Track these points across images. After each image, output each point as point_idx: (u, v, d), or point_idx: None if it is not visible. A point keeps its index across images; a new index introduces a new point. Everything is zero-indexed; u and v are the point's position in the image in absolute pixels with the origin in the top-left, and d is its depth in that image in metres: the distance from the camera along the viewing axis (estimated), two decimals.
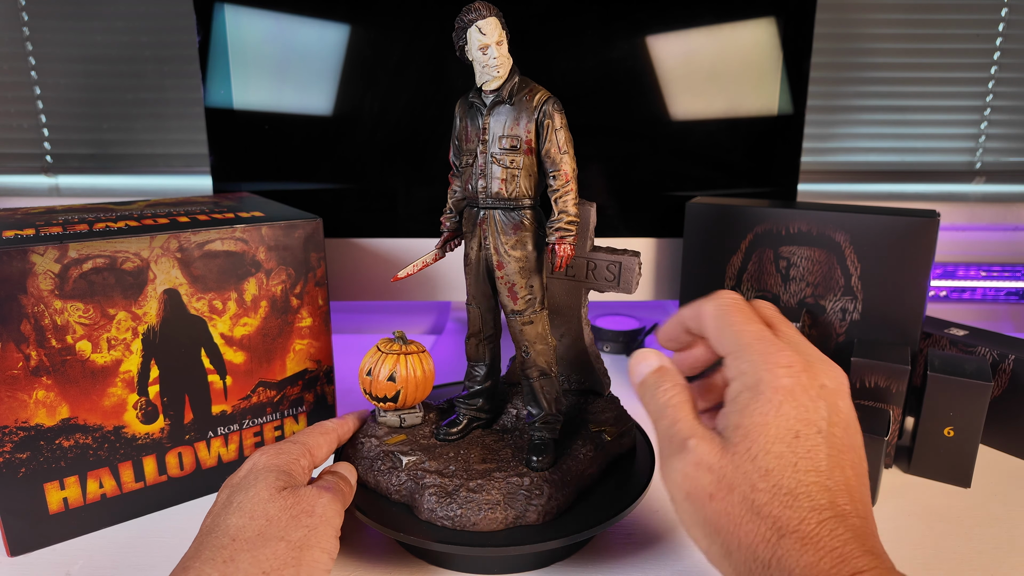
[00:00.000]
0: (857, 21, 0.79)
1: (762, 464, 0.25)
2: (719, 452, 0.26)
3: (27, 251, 0.36)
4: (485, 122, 0.35)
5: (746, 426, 0.26)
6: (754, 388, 0.27)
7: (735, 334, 0.28)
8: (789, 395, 0.26)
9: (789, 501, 0.25)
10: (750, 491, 0.25)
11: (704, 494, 0.26)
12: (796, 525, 0.24)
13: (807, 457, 0.25)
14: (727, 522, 0.25)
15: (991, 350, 0.51)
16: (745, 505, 0.25)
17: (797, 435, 0.26)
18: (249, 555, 0.30)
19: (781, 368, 0.27)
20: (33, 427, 0.38)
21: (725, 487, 0.26)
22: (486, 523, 0.35)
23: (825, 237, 0.52)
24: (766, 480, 0.25)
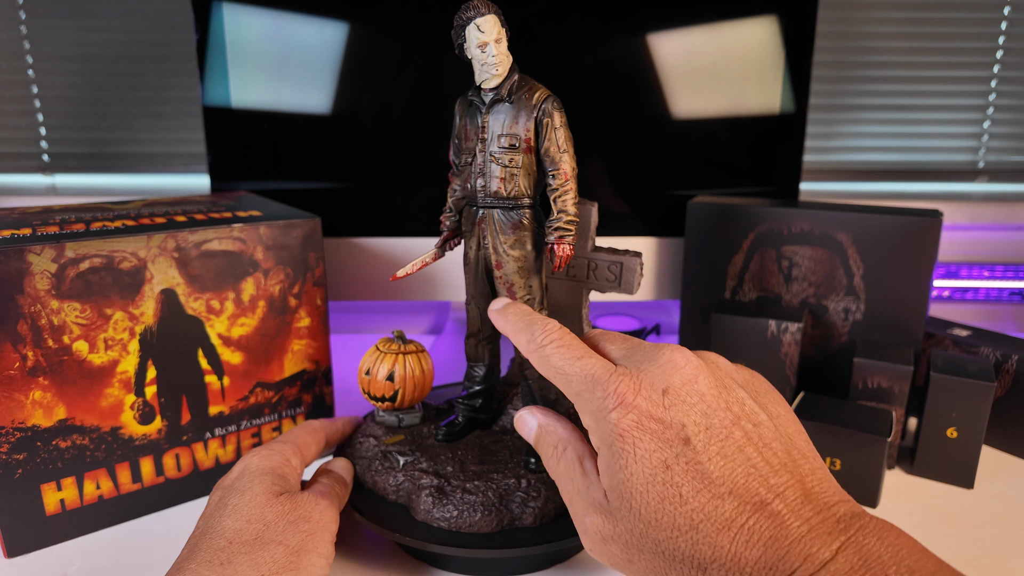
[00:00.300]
0: (859, 19, 0.79)
1: (649, 516, 0.24)
2: (610, 522, 0.25)
3: (24, 251, 0.36)
4: (484, 120, 0.35)
5: (617, 487, 0.25)
6: (605, 444, 0.25)
7: (565, 385, 0.27)
8: (634, 432, 0.25)
9: (693, 536, 0.23)
10: (655, 546, 0.24)
11: (622, 562, 0.26)
12: (711, 555, 0.23)
13: (689, 480, 0.24)
14: (654, 575, 0.25)
15: (994, 350, 0.51)
16: (659, 559, 0.24)
17: (667, 466, 0.24)
18: (247, 558, 0.29)
19: (613, 413, 0.25)
20: (30, 428, 0.38)
21: (635, 551, 0.25)
22: (482, 524, 0.35)
23: (827, 237, 0.51)
24: (661, 529, 0.24)
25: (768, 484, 0.24)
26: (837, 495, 0.24)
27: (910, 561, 0.21)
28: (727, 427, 0.25)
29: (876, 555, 0.22)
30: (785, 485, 0.24)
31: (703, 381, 0.26)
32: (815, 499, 0.23)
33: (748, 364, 0.50)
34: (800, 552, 0.22)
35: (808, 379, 0.54)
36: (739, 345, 0.50)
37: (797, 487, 0.24)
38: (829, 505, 0.23)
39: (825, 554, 0.22)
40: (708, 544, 0.23)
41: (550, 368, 0.28)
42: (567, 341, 0.29)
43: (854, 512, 0.23)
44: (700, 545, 0.23)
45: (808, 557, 0.22)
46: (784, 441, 0.25)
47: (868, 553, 0.22)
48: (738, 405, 0.26)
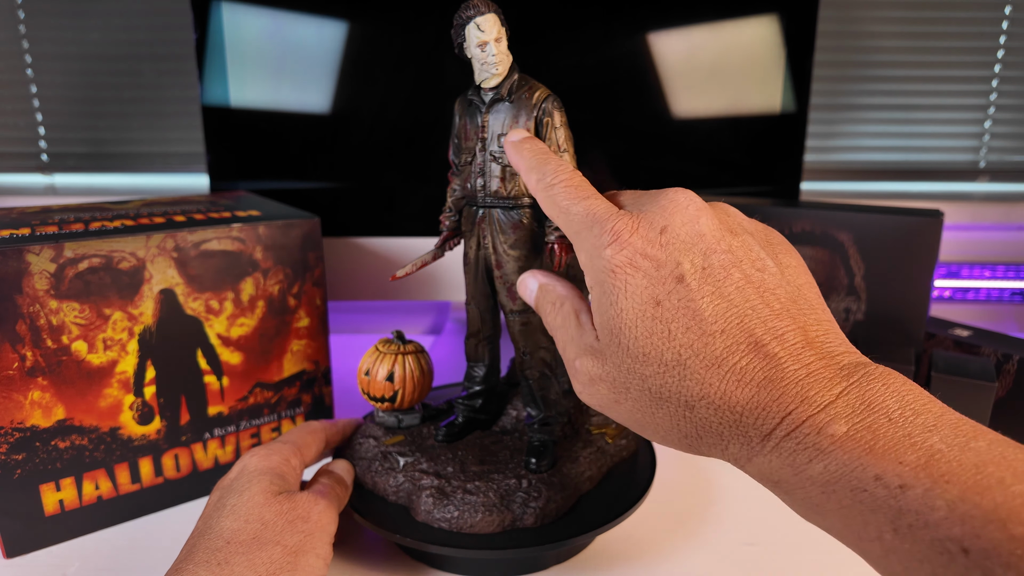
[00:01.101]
0: (860, 19, 0.79)
1: (637, 351, 0.23)
2: (599, 362, 0.25)
3: (23, 250, 0.36)
4: (484, 120, 0.35)
5: (607, 324, 0.24)
6: (598, 282, 0.25)
7: (567, 224, 0.27)
8: (627, 268, 0.24)
9: (680, 372, 0.23)
10: (642, 383, 0.23)
11: (610, 403, 0.25)
12: (699, 392, 0.22)
13: (680, 316, 0.23)
14: (642, 416, 0.24)
15: (995, 350, 0.51)
16: (647, 397, 0.24)
17: (657, 302, 0.23)
18: (244, 558, 0.29)
19: (608, 249, 0.24)
20: (29, 428, 0.38)
21: (622, 390, 0.24)
22: (483, 525, 0.35)
23: (828, 237, 0.51)
24: (648, 365, 0.23)
25: (766, 326, 0.22)
26: (843, 346, 0.23)
27: (916, 405, 0.21)
28: (726, 267, 0.23)
29: (880, 399, 0.21)
30: (785, 329, 0.22)
31: (705, 221, 0.24)
32: (818, 346, 0.22)
33: None
34: (797, 394, 0.21)
35: None
36: None
37: (799, 332, 0.22)
38: (833, 354, 0.22)
39: (825, 398, 0.21)
40: (696, 381, 0.22)
41: (555, 207, 0.27)
42: (577, 182, 0.28)
43: (859, 361, 0.22)
44: (688, 382, 0.22)
45: (805, 400, 0.21)
46: (790, 290, 0.24)
47: (871, 397, 0.21)
48: (742, 249, 0.24)
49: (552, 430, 0.39)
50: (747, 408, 0.22)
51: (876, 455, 0.20)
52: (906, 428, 0.20)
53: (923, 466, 0.19)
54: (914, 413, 0.20)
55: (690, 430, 0.23)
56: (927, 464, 0.19)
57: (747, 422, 0.22)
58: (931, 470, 0.19)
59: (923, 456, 0.19)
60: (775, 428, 0.21)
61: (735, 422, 0.22)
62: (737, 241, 0.24)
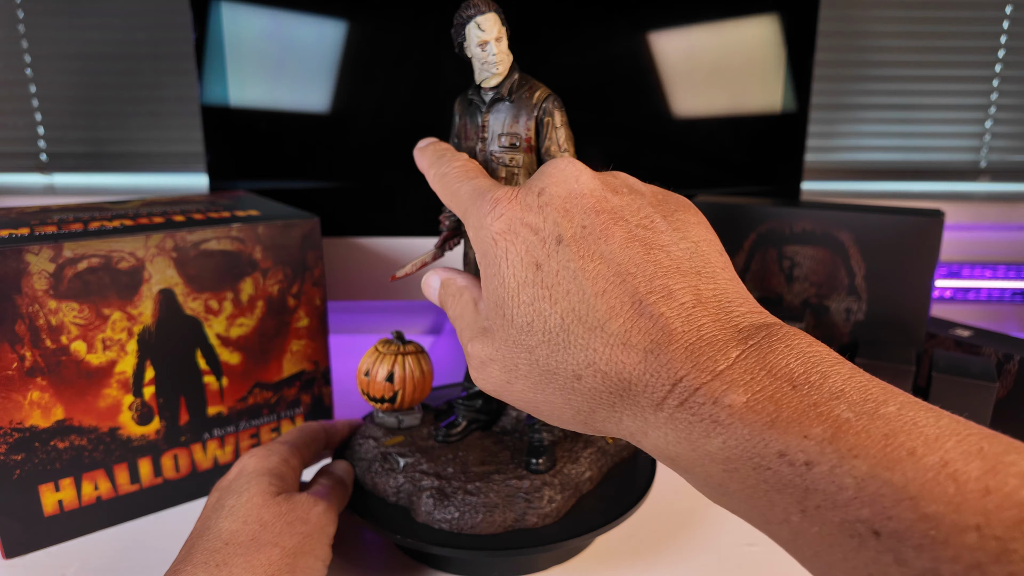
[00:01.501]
0: (861, 18, 0.79)
1: (521, 322, 0.22)
2: (489, 341, 0.23)
3: (22, 250, 0.36)
4: (484, 120, 0.35)
5: (492, 297, 0.23)
6: (482, 254, 0.23)
7: (457, 205, 0.26)
8: (507, 235, 0.22)
9: (564, 339, 0.21)
10: (529, 356, 0.22)
11: (502, 384, 0.23)
12: (585, 359, 0.20)
13: (561, 280, 0.21)
14: (535, 395, 0.22)
15: (996, 351, 0.50)
16: (536, 372, 0.22)
17: (538, 266, 0.22)
18: (243, 560, 0.29)
19: (487, 217, 0.23)
20: (28, 428, 0.38)
21: (511, 368, 0.22)
22: (484, 526, 0.35)
23: (829, 236, 0.51)
24: (533, 335, 0.21)
25: (651, 285, 0.20)
26: (744, 305, 0.21)
27: (823, 367, 0.18)
28: (607, 226, 0.22)
29: (783, 362, 0.18)
30: (674, 288, 0.20)
31: (585, 181, 0.23)
32: (713, 305, 0.20)
33: None
34: (687, 359, 0.19)
35: None
36: None
37: (690, 291, 0.20)
38: (732, 314, 0.20)
39: (720, 363, 0.19)
40: (581, 348, 0.21)
41: (447, 191, 0.27)
42: (470, 167, 0.27)
43: (762, 323, 0.20)
44: (573, 349, 0.21)
45: (697, 365, 0.19)
46: (685, 246, 0.22)
47: (773, 361, 0.18)
48: (628, 208, 0.23)
49: (552, 430, 0.39)
50: (635, 375, 0.20)
51: (779, 428, 0.17)
52: (811, 396, 0.18)
53: (829, 439, 0.17)
54: (821, 376, 0.18)
55: (582, 404, 0.21)
56: (834, 437, 0.17)
57: (637, 390, 0.20)
58: (838, 444, 0.17)
59: (830, 428, 0.17)
60: (666, 397, 0.19)
61: (625, 391, 0.20)
62: (621, 200, 0.23)
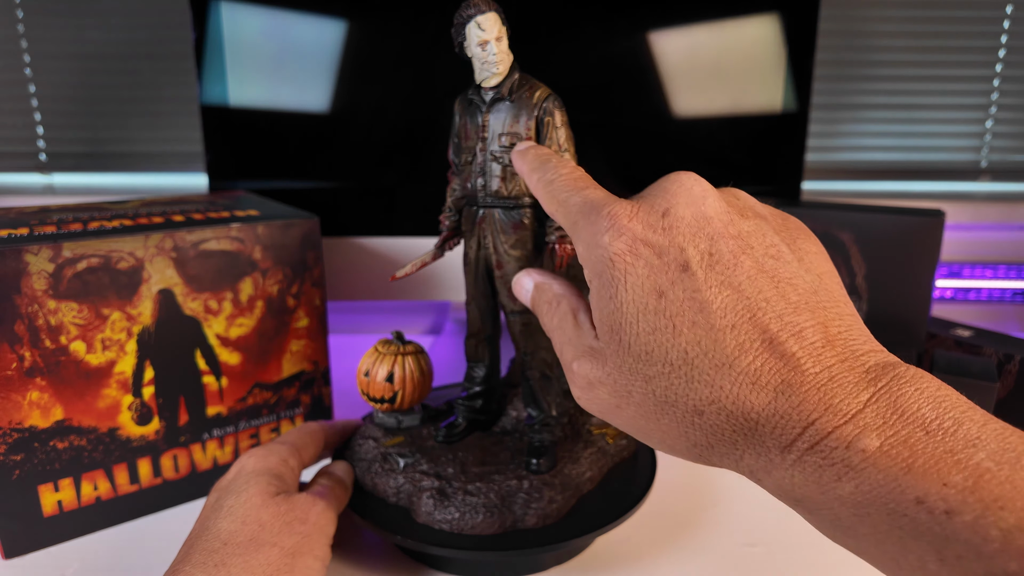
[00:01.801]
0: (862, 18, 0.79)
1: (639, 350, 0.21)
2: (599, 364, 0.23)
3: (21, 250, 0.36)
4: (484, 119, 0.35)
5: (606, 320, 0.22)
6: (596, 274, 0.22)
7: (564, 216, 0.25)
8: (626, 257, 0.22)
9: (687, 373, 0.20)
10: (645, 384, 0.21)
11: (611, 408, 0.23)
12: (709, 396, 0.20)
13: (686, 309, 0.21)
14: (646, 423, 0.22)
15: (997, 351, 0.50)
16: (651, 401, 0.21)
17: (660, 294, 0.21)
18: (241, 560, 0.29)
19: (604, 236, 0.22)
20: (27, 428, 0.38)
21: (623, 394, 0.22)
22: (484, 526, 0.35)
23: (829, 236, 0.51)
24: (652, 365, 0.21)
25: (782, 321, 0.20)
26: (868, 344, 0.21)
27: (955, 413, 0.18)
28: (735, 254, 0.21)
29: (914, 406, 0.18)
30: (804, 325, 0.20)
31: (712, 203, 0.22)
32: (840, 345, 0.20)
33: None
34: (819, 401, 0.19)
35: None
36: None
37: (818, 329, 0.20)
38: (858, 353, 0.20)
39: (852, 405, 0.18)
40: (705, 383, 0.20)
41: (554, 201, 0.26)
42: (577, 175, 0.26)
43: (889, 362, 0.20)
44: (696, 384, 0.20)
45: (830, 408, 0.19)
46: (810, 279, 0.21)
47: (904, 404, 0.18)
48: (754, 234, 0.22)
49: (553, 431, 0.39)
50: (763, 415, 0.19)
51: (916, 475, 0.17)
52: (946, 442, 0.17)
53: (971, 489, 0.17)
54: (954, 423, 0.18)
55: (700, 439, 0.21)
56: (975, 486, 0.17)
57: (764, 431, 0.19)
58: (981, 494, 0.16)
59: (970, 476, 0.17)
60: (796, 439, 0.19)
61: (750, 431, 0.20)
62: (748, 225, 0.22)
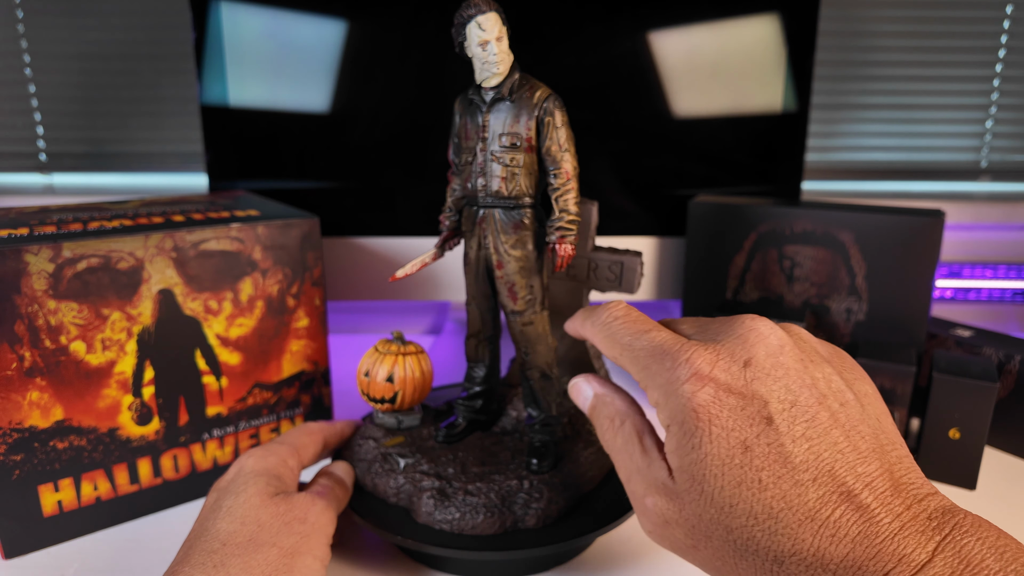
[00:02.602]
0: (862, 18, 0.79)
1: (723, 502, 0.22)
2: (675, 505, 0.23)
3: (21, 250, 0.36)
4: (485, 119, 0.35)
5: (687, 468, 0.23)
6: (676, 421, 0.23)
7: (631, 360, 0.26)
8: (711, 407, 0.23)
9: (771, 526, 0.21)
10: (727, 534, 0.22)
11: (686, 547, 0.24)
12: (791, 548, 0.21)
13: (771, 464, 0.22)
14: (723, 565, 0.23)
15: (997, 351, 0.50)
16: (730, 548, 0.22)
17: (746, 448, 0.22)
18: (240, 560, 0.29)
19: (686, 385, 0.23)
20: (27, 429, 0.38)
21: (702, 537, 0.23)
22: (484, 526, 0.35)
23: (830, 236, 0.51)
24: (735, 517, 0.22)
25: (856, 472, 0.21)
26: (926, 487, 0.22)
27: (1016, 565, 0.19)
28: (812, 406, 0.22)
29: (978, 557, 0.19)
30: (874, 474, 0.21)
31: (789, 353, 0.23)
32: (905, 491, 0.21)
33: None
34: (893, 552, 0.20)
35: None
36: None
37: (886, 477, 0.21)
38: (919, 498, 0.21)
39: (921, 555, 0.20)
40: (788, 536, 0.21)
41: (616, 344, 0.27)
42: (634, 316, 0.27)
43: (946, 507, 0.21)
44: (779, 536, 0.21)
45: (903, 559, 0.20)
46: (872, 424, 0.23)
47: (969, 555, 0.20)
48: (824, 382, 0.23)
49: (553, 431, 0.39)
50: (841, 566, 0.20)
51: None
52: None
53: None
54: (1016, 575, 0.19)
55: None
56: None
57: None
58: None
59: None
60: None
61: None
62: (820, 373, 0.23)
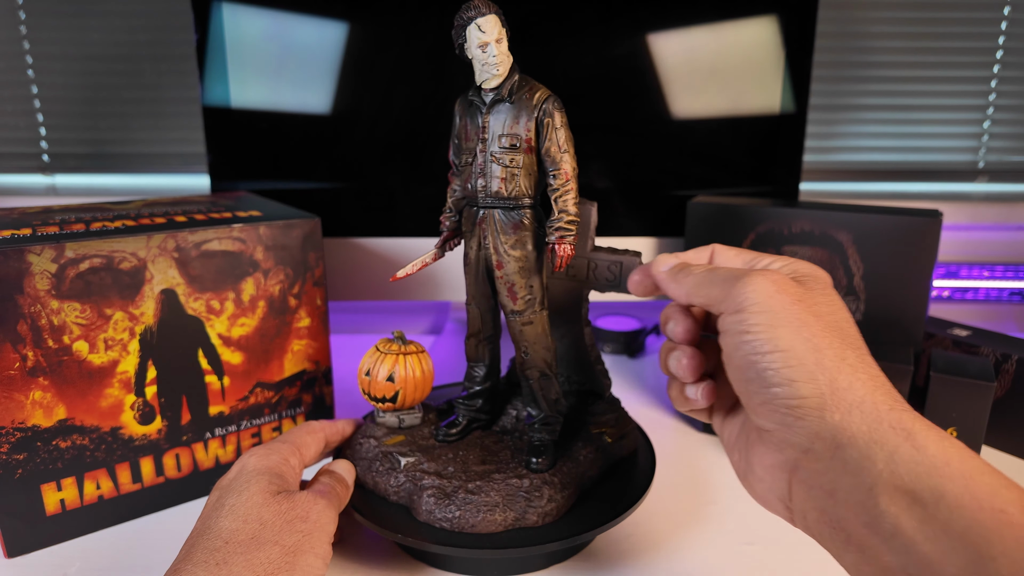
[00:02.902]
0: (859, 19, 0.79)
1: (837, 302, 0.28)
2: (795, 280, 0.28)
3: (24, 251, 0.36)
4: (485, 120, 0.35)
5: (811, 284, 0.28)
6: (807, 273, 0.29)
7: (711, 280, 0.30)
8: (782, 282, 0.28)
9: (860, 341, 0.28)
10: (831, 309, 0.28)
11: (790, 294, 0.27)
12: (869, 360, 0.27)
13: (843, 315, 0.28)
14: (811, 318, 0.27)
15: (994, 350, 0.51)
16: (830, 315, 0.27)
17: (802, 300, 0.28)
18: (242, 558, 0.29)
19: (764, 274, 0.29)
20: (30, 428, 0.38)
21: (807, 296, 0.27)
22: (484, 525, 0.35)
23: (827, 237, 0.51)
24: (843, 313, 0.28)
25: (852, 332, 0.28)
26: None
27: None
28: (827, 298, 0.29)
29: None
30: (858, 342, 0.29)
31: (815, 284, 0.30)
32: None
33: None
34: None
35: None
36: None
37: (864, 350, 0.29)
38: None
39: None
40: (858, 349, 0.27)
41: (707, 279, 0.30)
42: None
43: None
44: (854, 344, 0.27)
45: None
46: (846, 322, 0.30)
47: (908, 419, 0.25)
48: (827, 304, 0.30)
49: (552, 429, 0.39)
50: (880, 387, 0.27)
51: None
52: None
53: None
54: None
55: (855, 358, 0.27)
56: None
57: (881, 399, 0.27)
58: None
59: None
60: None
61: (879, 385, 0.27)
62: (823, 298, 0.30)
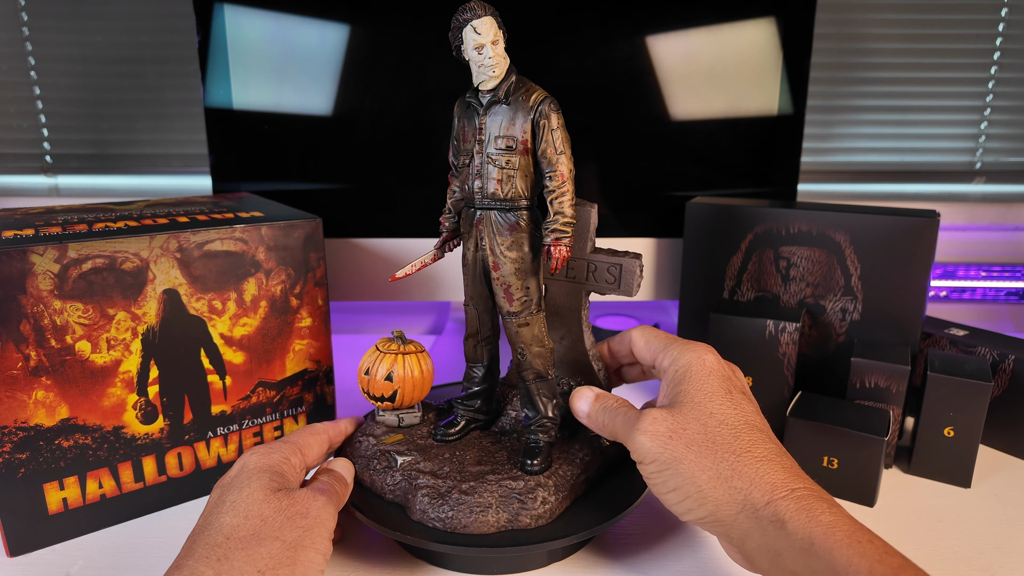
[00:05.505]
0: (857, 21, 0.79)
1: (706, 408, 0.33)
2: (669, 412, 0.33)
3: (26, 251, 0.37)
4: (481, 122, 0.35)
5: (687, 390, 0.34)
6: (687, 366, 0.35)
7: (660, 340, 0.38)
8: (715, 368, 0.35)
9: (735, 432, 0.32)
10: (702, 427, 0.32)
11: (664, 436, 0.32)
12: (747, 447, 0.32)
13: (739, 408, 0.34)
14: (687, 452, 0.32)
15: (991, 350, 0.51)
16: (701, 435, 0.32)
17: (729, 392, 0.34)
18: (243, 554, 0.30)
19: (709, 355, 0.36)
20: (32, 427, 0.38)
21: (679, 428, 0.33)
22: (477, 526, 0.35)
23: (825, 237, 0.52)
24: (713, 417, 0.33)
25: (771, 437, 0.34)
26: None
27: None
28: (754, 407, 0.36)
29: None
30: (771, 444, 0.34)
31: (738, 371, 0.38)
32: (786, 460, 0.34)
33: (746, 364, 0.50)
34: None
35: (805, 379, 0.54)
36: (737, 345, 0.51)
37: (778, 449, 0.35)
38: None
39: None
40: (747, 440, 0.32)
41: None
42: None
43: None
44: (741, 439, 0.32)
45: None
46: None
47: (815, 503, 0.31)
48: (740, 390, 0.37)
49: (548, 431, 0.39)
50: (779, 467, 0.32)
51: None
52: None
53: None
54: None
55: (729, 471, 0.32)
56: None
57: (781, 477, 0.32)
58: None
59: None
60: None
61: (769, 470, 0.32)
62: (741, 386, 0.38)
